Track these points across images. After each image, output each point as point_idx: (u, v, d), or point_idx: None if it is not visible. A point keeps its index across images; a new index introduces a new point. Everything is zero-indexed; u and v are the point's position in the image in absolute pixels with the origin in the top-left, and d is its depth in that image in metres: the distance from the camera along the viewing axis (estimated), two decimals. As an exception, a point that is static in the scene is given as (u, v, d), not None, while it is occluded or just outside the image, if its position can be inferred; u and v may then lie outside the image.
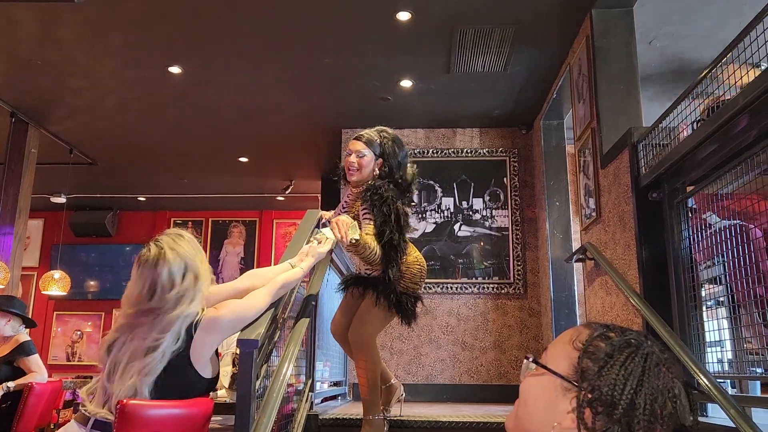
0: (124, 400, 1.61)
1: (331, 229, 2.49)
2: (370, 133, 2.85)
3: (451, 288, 5.42)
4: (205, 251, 8.71)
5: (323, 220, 3.10)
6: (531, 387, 0.86)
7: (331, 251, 2.65)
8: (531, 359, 0.87)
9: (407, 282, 2.83)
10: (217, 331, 1.90)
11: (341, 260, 4.03)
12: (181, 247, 1.94)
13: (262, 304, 2.03)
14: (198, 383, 1.88)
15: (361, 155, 2.78)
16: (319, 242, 2.49)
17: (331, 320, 3.08)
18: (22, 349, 4.06)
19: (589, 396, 0.77)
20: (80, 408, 1.82)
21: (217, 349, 1.99)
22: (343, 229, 2.46)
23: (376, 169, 2.79)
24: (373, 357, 2.80)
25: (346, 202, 2.97)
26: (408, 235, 2.81)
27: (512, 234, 5.53)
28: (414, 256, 2.89)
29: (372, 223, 2.65)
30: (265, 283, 2.14)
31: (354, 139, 2.87)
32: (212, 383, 1.95)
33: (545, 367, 0.84)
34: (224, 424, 2.88)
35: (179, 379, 1.82)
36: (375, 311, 2.78)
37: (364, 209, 2.70)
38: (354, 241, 2.50)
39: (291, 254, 2.59)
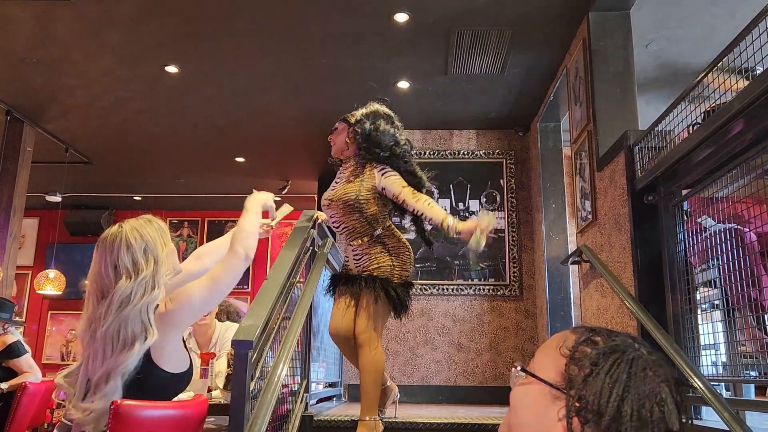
0: (118, 401, 1.60)
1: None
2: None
3: (447, 289, 5.42)
4: (201, 251, 8.73)
5: (319, 221, 3.11)
6: (520, 395, 0.85)
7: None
8: (519, 368, 0.86)
9: (400, 271, 2.85)
10: (174, 327, 1.77)
11: (337, 260, 4.03)
12: (144, 229, 1.85)
13: (225, 271, 1.88)
14: (167, 382, 1.76)
15: (333, 128, 3.03)
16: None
17: (330, 324, 2.98)
18: (11, 351, 3.96)
19: (577, 405, 0.77)
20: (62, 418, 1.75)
21: (184, 341, 1.94)
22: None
23: (348, 137, 2.93)
24: (382, 356, 2.82)
25: (338, 179, 3.00)
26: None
27: (508, 236, 5.53)
28: (402, 240, 2.93)
29: (398, 177, 2.81)
30: (215, 257, 2.09)
31: None
32: (184, 378, 1.84)
33: (533, 375, 0.83)
34: (219, 424, 2.87)
35: (145, 378, 1.71)
36: (376, 308, 2.78)
37: (383, 169, 2.83)
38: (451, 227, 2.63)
39: (287, 255, 2.60)
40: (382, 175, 2.81)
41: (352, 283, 2.87)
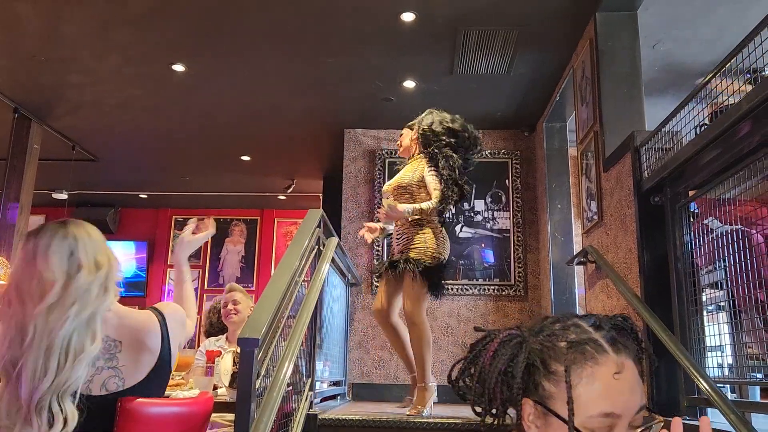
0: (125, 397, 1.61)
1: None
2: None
3: (452, 289, 5.41)
4: (206, 249, 8.76)
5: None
6: None
7: None
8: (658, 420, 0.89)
9: (433, 252, 3.31)
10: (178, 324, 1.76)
11: (342, 261, 4.03)
12: (94, 232, 1.63)
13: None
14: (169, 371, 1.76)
15: (400, 134, 3.66)
16: None
17: (374, 306, 3.54)
18: None
19: None
20: None
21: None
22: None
23: (414, 144, 3.55)
24: (428, 329, 3.32)
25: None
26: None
27: (513, 236, 5.53)
28: (439, 227, 3.40)
29: (436, 175, 3.38)
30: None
31: None
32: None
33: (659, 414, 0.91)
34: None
35: (165, 379, 1.75)
36: (414, 287, 3.26)
37: (430, 168, 3.41)
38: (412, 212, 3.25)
39: (292, 254, 2.60)
40: (429, 171, 3.39)
41: (393, 267, 3.34)
